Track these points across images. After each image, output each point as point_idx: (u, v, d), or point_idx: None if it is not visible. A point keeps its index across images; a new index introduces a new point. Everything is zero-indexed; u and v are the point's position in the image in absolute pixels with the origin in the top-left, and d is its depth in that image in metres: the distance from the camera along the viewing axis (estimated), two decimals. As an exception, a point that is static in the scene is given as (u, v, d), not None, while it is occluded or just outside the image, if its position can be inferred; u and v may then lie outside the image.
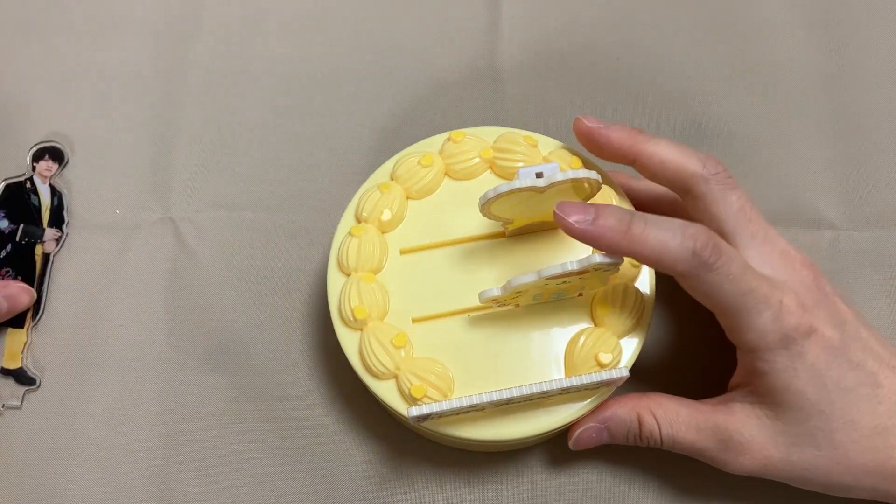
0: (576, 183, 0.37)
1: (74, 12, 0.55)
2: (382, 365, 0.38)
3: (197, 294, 0.48)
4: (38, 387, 0.46)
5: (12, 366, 0.47)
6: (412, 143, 0.51)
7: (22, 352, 0.47)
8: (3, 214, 0.50)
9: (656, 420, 0.39)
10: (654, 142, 0.40)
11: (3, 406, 0.46)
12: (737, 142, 0.50)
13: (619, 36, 0.53)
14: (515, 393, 0.36)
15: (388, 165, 0.44)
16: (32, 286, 0.48)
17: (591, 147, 0.41)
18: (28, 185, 0.50)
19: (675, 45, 0.53)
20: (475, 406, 0.36)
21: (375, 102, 0.52)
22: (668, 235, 0.35)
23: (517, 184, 0.36)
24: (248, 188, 0.50)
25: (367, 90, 0.53)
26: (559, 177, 0.36)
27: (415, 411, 0.36)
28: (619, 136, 0.40)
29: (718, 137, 0.51)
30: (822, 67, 0.52)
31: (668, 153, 0.40)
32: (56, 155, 0.51)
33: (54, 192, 0.50)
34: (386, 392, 0.39)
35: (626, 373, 0.37)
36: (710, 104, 0.51)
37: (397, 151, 0.51)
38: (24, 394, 0.46)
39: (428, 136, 0.51)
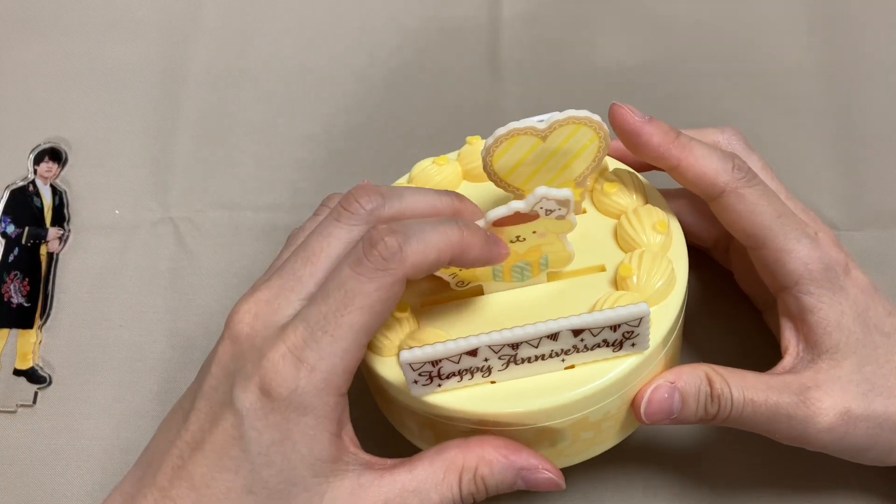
0: (581, 128, 0.36)
1: (74, 12, 0.55)
2: (383, 335, 0.36)
3: (197, 294, 0.48)
4: (49, 384, 0.47)
5: (24, 366, 0.47)
6: (412, 143, 0.51)
7: (32, 351, 0.47)
8: (8, 220, 0.50)
9: (725, 380, 0.36)
10: (690, 149, 0.38)
11: (18, 405, 0.46)
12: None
13: (619, 36, 0.53)
14: (519, 333, 0.32)
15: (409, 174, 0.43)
16: (39, 287, 0.48)
17: (628, 143, 0.39)
18: (31, 188, 0.51)
19: (676, 45, 0.53)
20: (473, 350, 0.33)
21: (375, 102, 0.52)
22: (710, 149, 0.37)
23: (514, 124, 0.36)
24: (248, 188, 0.51)
25: (367, 90, 0.53)
26: (558, 116, 0.36)
27: (406, 355, 0.32)
28: (659, 140, 0.37)
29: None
30: (822, 67, 0.52)
31: (704, 164, 0.37)
32: (56, 156, 0.51)
33: (55, 192, 0.50)
34: (386, 369, 0.36)
35: (645, 308, 0.32)
36: (711, 104, 0.51)
37: (398, 151, 0.51)
38: (35, 392, 0.46)
39: (428, 135, 0.51)
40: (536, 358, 0.33)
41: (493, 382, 0.34)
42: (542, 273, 0.37)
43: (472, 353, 0.33)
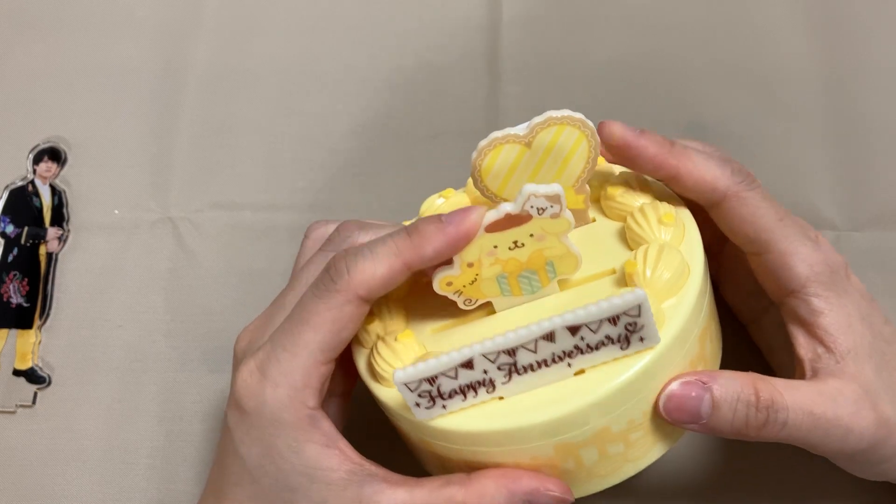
0: (565, 128, 0.35)
1: (74, 12, 0.55)
2: (386, 363, 0.35)
3: (196, 294, 0.48)
4: (49, 385, 0.47)
5: (23, 366, 0.47)
6: (412, 143, 0.51)
7: (32, 351, 0.47)
8: (8, 220, 0.50)
9: (777, 389, 0.33)
10: (687, 156, 0.37)
11: (17, 405, 0.46)
12: (736, 142, 0.50)
13: (619, 36, 0.53)
14: (511, 338, 0.30)
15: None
16: (38, 287, 0.48)
17: (622, 159, 0.37)
18: (30, 188, 0.50)
19: (675, 45, 0.53)
20: (468, 361, 0.31)
21: (375, 102, 0.52)
22: (707, 155, 0.37)
23: (494, 134, 0.35)
24: (248, 188, 0.50)
25: (367, 90, 0.53)
26: (538, 119, 0.35)
27: (400, 374, 0.31)
28: (654, 150, 0.36)
29: (718, 137, 0.50)
30: (822, 68, 0.52)
31: (703, 170, 0.37)
32: (55, 155, 0.51)
33: (55, 192, 0.50)
34: (391, 399, 0.34)
35: (640, 294, 0.30)
36: (710, 104, 0.51)
37: (397, 151, 0.51)
38: (35, 392, 0.46)
39: (428, 136, 0.51)
40: (539, 364, 0.32)
41: (500, 399, 0.33)
42: (553, 282, 0.35)
43: (468, 364, 0.31)
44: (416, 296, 0.38)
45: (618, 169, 0.40)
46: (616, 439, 0.33)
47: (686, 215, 0.37)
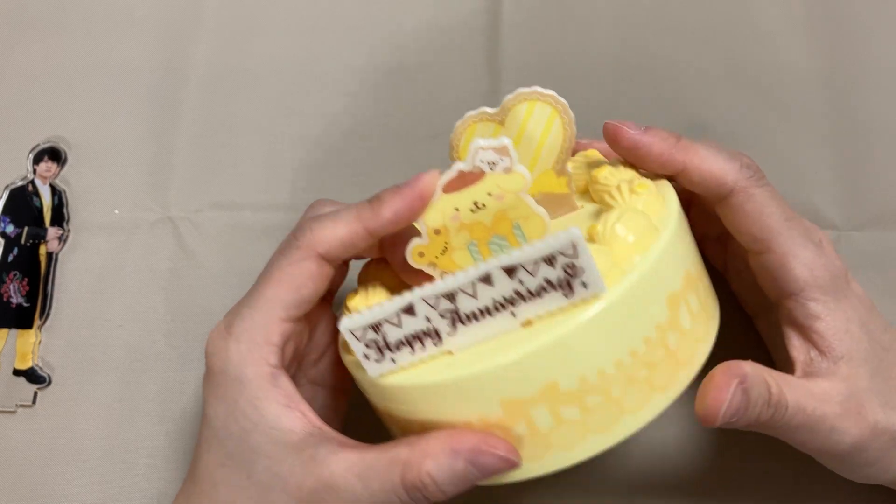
0: (536, 105, 0.35)
1: (74, 12, 0.55)
2: None
3: (196, 294, 0.48)
4: (49, 384, 0.47)
5: (23, 366, 0.47)
6: (412, 143, 0.50)
7: (32, 351, 0.47)
8: (8, 220, 0.50)
9: (779, 384, 0.34)
10: (694, 150, 0.37)
11: (17, 405, 0.46)
12: (736, 142, 0.50)
13: (619, 36, 0.53)
14: (449, 281, 0.31)
15: None
16: (38, 287, 0.48)
17: (629, 158, 0.38)
18: (30, 188, 0.50)
19: (675, 45, 0.53)
20: (409, 307, 0.31)
21: (375, 102, 0.52)
22: (715, 149, 0.37)
23: (469, 113, 0.36)
24: (248, 188, 0.51)
25: (367, 90, 0.53)
26: (508, 96, 0.35)
27: (345, 321, 0.31)
28: (659, 147, 0.36)
29: (718, 138, 0.50)
30: (821, 68, 0.52)
31: (710, 164, 0.37)
32: (55, 155, 0.51)
33: (55, 192, 0.50)
34: (351, 362, 0.35)
35: (575, 232, 0.29)
36: (710, 104, 0.51)
37: (397, 151, 0.51)
38: (35, 392, 0.47)
39: (428, 135, 0.51)
40: (483, 313, 0.32)
41: (450, 354, 0.33)
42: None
43: (409, 310, 0.31)
44: (402, 284, 0.38)
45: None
46: (568, 400, 0.32)
47: (667, 188, 0.37)
